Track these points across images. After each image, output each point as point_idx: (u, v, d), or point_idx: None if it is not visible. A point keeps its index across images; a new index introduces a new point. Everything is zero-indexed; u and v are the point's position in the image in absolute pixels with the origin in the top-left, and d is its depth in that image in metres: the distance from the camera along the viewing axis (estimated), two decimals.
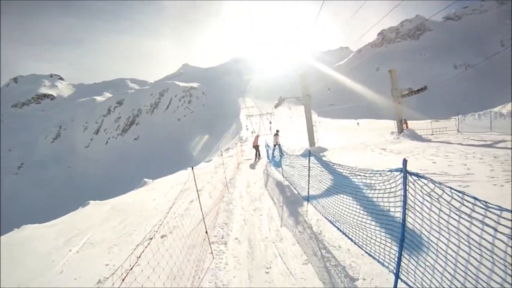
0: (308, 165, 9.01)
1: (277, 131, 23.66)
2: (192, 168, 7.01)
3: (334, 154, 18.65)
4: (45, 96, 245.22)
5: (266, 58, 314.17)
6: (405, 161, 3.85)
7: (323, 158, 17.04)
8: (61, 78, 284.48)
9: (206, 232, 6.84)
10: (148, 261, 4.49)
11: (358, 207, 5.76)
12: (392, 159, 14.45)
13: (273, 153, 19.03)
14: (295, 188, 11.43)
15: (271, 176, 15.48)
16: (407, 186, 3.90)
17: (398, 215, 4.12)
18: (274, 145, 21.63)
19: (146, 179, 20.18)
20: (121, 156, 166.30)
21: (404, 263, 4.13)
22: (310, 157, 9.07)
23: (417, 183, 3.71)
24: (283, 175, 13.96)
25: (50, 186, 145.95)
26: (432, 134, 25.59)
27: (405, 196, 3.91)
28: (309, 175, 8.83)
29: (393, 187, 4.22)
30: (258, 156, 23.92)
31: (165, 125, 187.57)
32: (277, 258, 6.19)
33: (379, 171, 4.70)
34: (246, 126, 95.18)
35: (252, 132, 77.23)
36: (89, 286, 6.39)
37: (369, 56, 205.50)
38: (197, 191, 7.21)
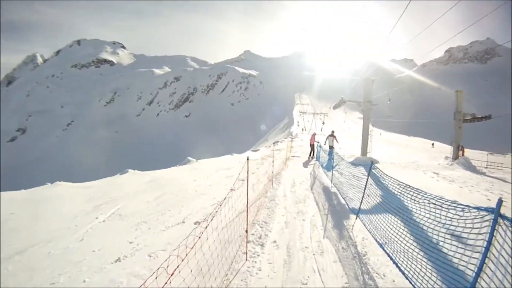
0: (364, 177, 8.39)
1: (333, 131, 23.40)
2: (248, 160, 6.50)
3: (385, 169, 17.71)
4: (105, 61, 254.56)
5: (329, 57, 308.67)
6: (500, 202, 3.24)
7: (373, 170, 16.33)
8: (123, 47, 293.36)
9: (246, 231, 6.37)
10: (176, 248, 3.93)
11: (416, 234, 5.18)
12: (445, 187, 13.39)
13: (329, 156, 18.45)
14: (344, 198, 10.55)
15: (318, 179, 14.72)
16: (494, 231, 3.27)
17: (474, 261, 3.50)
18: (330, 147, 21.22)
19: (190, 158, 20.03)
20: (169, 130, 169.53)
21: None
22: (364, 168, 8.45)
23: (509, 231, 3.12)
24: (331, 181, 13.11)
25: (95, 147, 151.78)
26: (487, 168, 24.02)
27: (489, 242, 3.28)
28: (365, 189, 8.04)
29: (476, 227, 3.59)
30: (312, 155, 23.44)
31: (218, 108, 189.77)
32: (315, 273, 5.63)
33: (460, 205, 4.04)
34: (298, 122, 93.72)
35: (302, 129, 75.86)
36: (107, 261, 6.05)
37: (432, 73, 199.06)
38: (247, 184, 6.71)
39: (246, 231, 6.33)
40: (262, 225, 8.00)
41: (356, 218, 8.30)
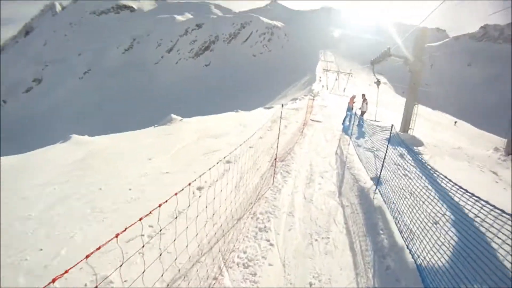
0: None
1: (363, 95, 20.51)
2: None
3: (434, 158, 12.61)
4: (126, 7, 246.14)
5: (358, 15, 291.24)
6: None
7: (421, 156, 11.64)
8: None
9: None
10: None
11: None
12: None
13: (359, 124, 14.22)
14: (401, 231, 5.50)
15: (349, 169, 9.72)
16: None
17: None
18: (362, 113, 18.62)
19: (173, 116, 15.26)
20: (188, 80, 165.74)
21: None
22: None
23: None
24: (376, 180, 7.82)
25: (111, 96, 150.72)
26: None
27: None
28: None
29: None
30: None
31: (239, 58, 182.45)
32: None
33: None
34: (320, 78, 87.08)
35: (322, 86, 71.33)
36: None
37: (464, 47, 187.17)
38: None
39: None
40: None
41: None
